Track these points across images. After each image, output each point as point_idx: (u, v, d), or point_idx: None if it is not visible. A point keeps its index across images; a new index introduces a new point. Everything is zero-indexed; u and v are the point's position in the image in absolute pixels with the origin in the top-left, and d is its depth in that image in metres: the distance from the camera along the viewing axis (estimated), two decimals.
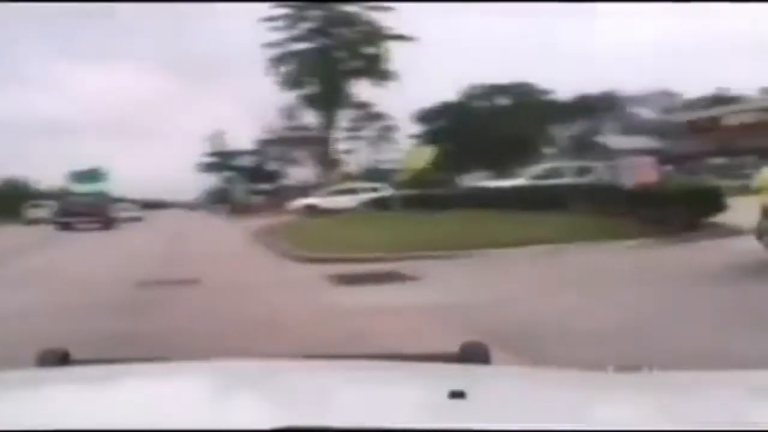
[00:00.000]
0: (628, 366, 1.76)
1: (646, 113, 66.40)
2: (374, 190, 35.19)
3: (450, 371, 1.80)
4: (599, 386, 1.68)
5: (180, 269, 13.65)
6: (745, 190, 16.30)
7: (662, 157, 41.60)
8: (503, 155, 53.71)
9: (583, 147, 54.79)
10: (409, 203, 25.02)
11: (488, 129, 57.13)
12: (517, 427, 1.26)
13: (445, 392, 1.39)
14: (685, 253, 13.24)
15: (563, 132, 64.52)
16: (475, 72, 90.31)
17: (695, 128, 49.97)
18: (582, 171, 28.72)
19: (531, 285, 10.39)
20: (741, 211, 15.73)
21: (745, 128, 45.60)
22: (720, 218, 16.32)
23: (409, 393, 1.65)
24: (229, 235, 26.49)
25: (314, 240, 17.71)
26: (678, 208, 15.76)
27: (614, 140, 53.46)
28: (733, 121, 47.50)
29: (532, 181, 27.97)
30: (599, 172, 27.00)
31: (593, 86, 64.40)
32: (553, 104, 62.06)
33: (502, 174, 41.69)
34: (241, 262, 15.56)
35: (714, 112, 50.47)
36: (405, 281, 11.30)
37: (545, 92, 62.48)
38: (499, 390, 1.66)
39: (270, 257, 16.56)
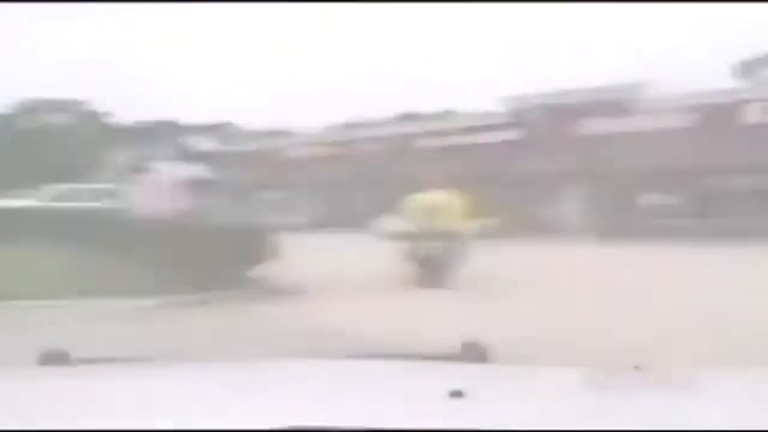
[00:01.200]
0: (628, 366, 1.71)
1: (206, 144, 65.78)
2: None
3: (449, 370, 1.77)
4: (599, 386, 1.66)
5: None
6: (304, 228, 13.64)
7: (213, 188, 39.17)
8: (44, 174, 47.52)
9: (133, 172, 51.35)
10: None
11: (32, 146, 50.82)
12: (516, 426, 1.24)
13: (444, 391, 1.37)
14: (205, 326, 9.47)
15: (117, 156, 60.69)
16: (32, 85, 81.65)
17: (247, 160, 50.30)
18: (103, 194, 24.20)
19: None
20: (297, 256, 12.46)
21: (296, 162, 46.84)
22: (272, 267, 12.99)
23: (408, 393, 1.61)
24: None
25: None
26: (209, 253, 12.19)
27: (165, 166, 50.89)
28: (287, 154, 48.35)
29: (47, 203, 23.16)
30: (124, 195, 22.52)
31: (153, 113, 63.18)
32: (111, 127, 59.29)
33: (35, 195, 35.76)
34: None
35: (266, 144, 51.17)
36: None
37: (104, 114, 59.50)
38: (498, 389, 1.65)
39: None
